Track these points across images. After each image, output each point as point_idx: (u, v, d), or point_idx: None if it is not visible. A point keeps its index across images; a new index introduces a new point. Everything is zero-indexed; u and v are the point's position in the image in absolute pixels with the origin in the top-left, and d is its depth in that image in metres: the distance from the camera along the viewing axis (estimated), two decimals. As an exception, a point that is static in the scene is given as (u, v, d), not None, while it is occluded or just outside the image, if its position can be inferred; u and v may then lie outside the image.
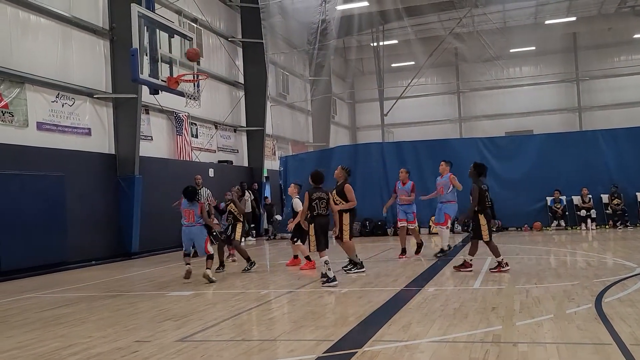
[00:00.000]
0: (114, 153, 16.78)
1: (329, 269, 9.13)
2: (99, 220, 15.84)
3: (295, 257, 12.39)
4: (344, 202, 10.33)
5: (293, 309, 7.65)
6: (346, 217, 10.32)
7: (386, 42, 31.51)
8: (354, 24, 27.77)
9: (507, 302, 7.19)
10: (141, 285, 11.03)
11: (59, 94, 15.10)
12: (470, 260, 10.01)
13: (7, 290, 10.89)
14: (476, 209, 9.88)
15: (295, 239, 11.80)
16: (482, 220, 9.84)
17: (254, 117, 24.43)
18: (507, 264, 9.75)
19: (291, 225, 11.63)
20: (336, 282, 9.11)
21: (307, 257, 11.57)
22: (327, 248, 9.49)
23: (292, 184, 12.86)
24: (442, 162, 12.99)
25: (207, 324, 6.82)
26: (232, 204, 11.90)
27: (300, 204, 11.37)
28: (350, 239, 10.43)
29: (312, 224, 9.48)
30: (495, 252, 9.76)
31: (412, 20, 28.09)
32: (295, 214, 11.87)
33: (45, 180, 13.92)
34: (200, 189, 15.36)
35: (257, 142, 24.59)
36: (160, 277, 11.70)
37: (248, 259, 11.65)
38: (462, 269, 9.96)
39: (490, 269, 9.88)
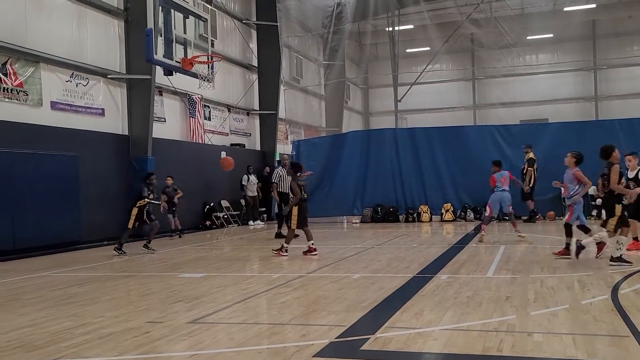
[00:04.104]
0: (127, 134, 16.80)
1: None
2: (111, 200, 15.88)
3: None
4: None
5: (305, 293, 7.61)
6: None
7: (402, 27, 31.16)
8: (370, 8, 27.50)
9: (521, 292, 7.11)
10: (153, 266, 11.05)
11: (73, 73, 15.10)
12: (312, 244, 11.21)
13: (21, 268, 10.96)
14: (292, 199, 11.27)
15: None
16: (295, 211, 11.16)
17: (267, 100, 24.34)
18: (287, 251, 11.15)
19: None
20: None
21: None
22: None
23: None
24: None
25: (218, 306, 6.81)
26: None
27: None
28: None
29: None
30: (289, 239, 11.26)
31: (428, 5, 27.76)
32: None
33: (59, 160, 13.97)
34: (278, 169, 15.55)
35: (270, 125, 24.53)
36: (172, 259, 11.73)
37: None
38: (308, 254, 11.10)
39: (273, 249, 11.41)
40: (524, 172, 17.83)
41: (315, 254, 11.13)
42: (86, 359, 4.93)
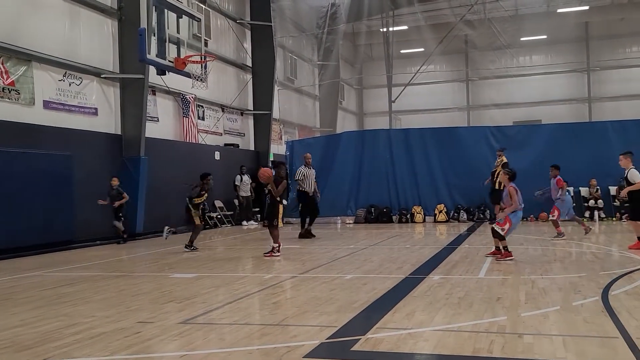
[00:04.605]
0: (120, 133, 16.75)
1: None
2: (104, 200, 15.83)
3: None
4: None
5: (297, 294, 7.61)
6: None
7: (396, 28, 31.19)
8: (364, 9, 27.51)
9: (513, 293, 7.13)
10: (145, 266, 11.03)
11: (66, 72, 15.04)
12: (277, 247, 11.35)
13: (13, 267, 10.92)
14: (278, 199, 11.60)
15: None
16: (279, 209, 11.62)
17: (261, 100, 24.33)
18: (279, 251, 11.25)
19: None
20: None
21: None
22: None
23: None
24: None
25: (210, 306, 6.80)
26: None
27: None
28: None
29: None
30: (276, 238, 11.32)
31: (422, 6, 27.82)
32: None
33: (52, 159, 13.92)
34: (311, 168, 15.31)
35: (264, 126, 24.52)
36: (163, 259, 11.71)
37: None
38: (271, 254, 11.21)
39: (264, 254, 11.33)
40: (496, 174, 17.55)
41: (278, 256, 11.17)
42: (76, 359, 4.91)
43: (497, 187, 17.36)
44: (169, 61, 13.07)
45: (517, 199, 9.78)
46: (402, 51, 33.63)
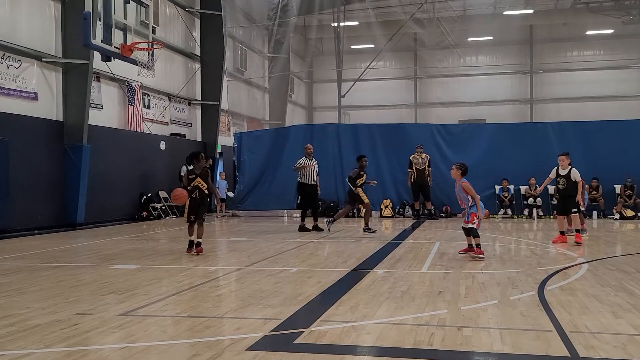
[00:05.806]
0: (61, 120, 16.22)
1: None
2: (43, 188, 15.34)
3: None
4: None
5: (241, 286, 7.57)
6: None
7: (347, 23, 31.38)
8: (316, 3, 27.55)
9: (453, 287, 7.29)
10: (85, 256, 10.73)
11: (4, 54, 14.44)
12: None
13: (-59, 257, 10.42)
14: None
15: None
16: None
17: (209, 91, 24.01)
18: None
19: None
20: None
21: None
22: None
23: None
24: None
25: (151, 298, 6.68)
26: None
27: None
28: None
29: None
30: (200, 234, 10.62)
31: (373, 3, 28.06)
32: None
33: (-13, 145, 13.36)
34: (312, 160, 15.22)
35: (212, 116, 24.21)
36: (105, 249, 11.42)
37: None
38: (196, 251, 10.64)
39: (196, 248, 10.54)
40: (427, 171, 19.03)
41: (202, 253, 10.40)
42: (8, 351, 4.73)
43: (429, 183, 18.99)
44: (115, 47, 12.74)
45: (474, 191, 9.76)
46: (352, 47, 33.85)
